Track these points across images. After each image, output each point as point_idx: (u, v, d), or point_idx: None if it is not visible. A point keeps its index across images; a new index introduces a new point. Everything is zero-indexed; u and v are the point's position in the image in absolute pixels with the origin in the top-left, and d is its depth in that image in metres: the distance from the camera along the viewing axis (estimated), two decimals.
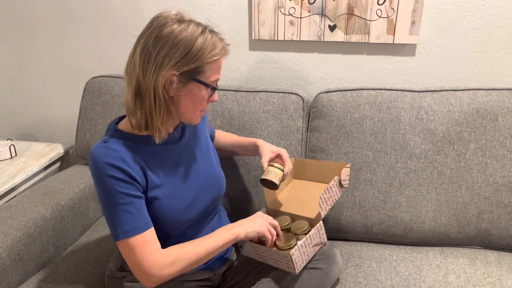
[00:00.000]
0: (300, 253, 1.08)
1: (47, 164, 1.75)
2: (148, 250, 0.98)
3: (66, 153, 1.87)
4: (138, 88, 0.97)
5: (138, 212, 0.99)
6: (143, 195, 1.02)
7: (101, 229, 1.51)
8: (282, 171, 1.20)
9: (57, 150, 1.83)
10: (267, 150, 1.25)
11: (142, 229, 0.99)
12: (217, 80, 1.03)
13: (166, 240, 1.09)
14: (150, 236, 1.00)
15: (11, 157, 1.75)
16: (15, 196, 1.60)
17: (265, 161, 1.21)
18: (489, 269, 1.27)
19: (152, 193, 1.04)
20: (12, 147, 1.75)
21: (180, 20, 0.97)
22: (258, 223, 1.10)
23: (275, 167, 1.20)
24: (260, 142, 1.29)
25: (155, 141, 1.02)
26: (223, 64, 1.05)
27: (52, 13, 1.80)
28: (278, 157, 1.25)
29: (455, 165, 1.36)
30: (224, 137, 1.41)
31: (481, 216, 1.36)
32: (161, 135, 1.02)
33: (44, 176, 1.78)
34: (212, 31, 1.00)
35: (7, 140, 1.85)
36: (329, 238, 1.47)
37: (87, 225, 1.54)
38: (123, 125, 1.06)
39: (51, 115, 1.99)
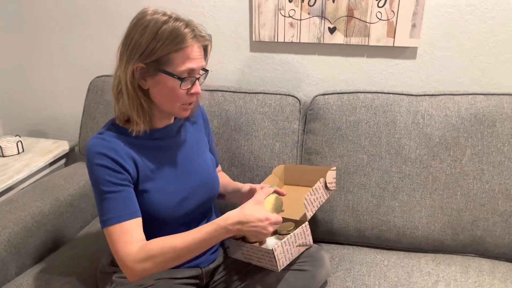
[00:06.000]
0: (283, 250, 1.08)
1: (52, 160, 1.80)
2: (123, 240, 0.98)
3: (72, 150, 1.92)
4: (117, 83, 1.02)
5: (122, 202, 1.00)
6: (132, 185, 1.04)
7: (99, 225, 1.55)
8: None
9: (63, 147, 1.88)
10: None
11: (122, 219, 0.99)
12: (190, 69, 0.99)
13: (156, 236, 1.11)
14: (129, 226, 1.00)
15: (18, 153, 1.81)
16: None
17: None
18: (481, 278, 1.24)
19: (143, 185, 1.06)
20: (19, 143, 1.81)
21: (150, 13, 0.98)
22: (259, 232, 1.02)
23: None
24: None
25: (132, 133, 1.04)
26: (224, 64, 1.04)
27: (59, 15, 1.85)
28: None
29: (450, 171, 1.34)
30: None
31: (476, 224, 1.33)
32: (139, 128, 1.04)
33: (50, 171, 1.83)
34: (178, 19, 0.97)
35: (16, 136, 1.91)
36: (321, 241, 1.47)
37: (86, 221, 1.58)
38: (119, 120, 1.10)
39: (60, 112, 2.05)
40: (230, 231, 1.00)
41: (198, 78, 1.03)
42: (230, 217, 1.01)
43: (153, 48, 0.96)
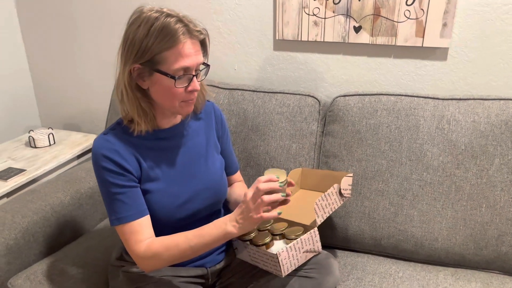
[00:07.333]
0: (289, 255, 1.05)
1: (80, 153, 1.86)
2: (133, 239, 1.03)
3: None
4: (118, 84, 1.03)
5: (130, 202, 1.03)
6: (138, 184, 1.06)
7: None
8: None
9: (91, 140, 1.94)
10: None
11: (131, 219, 1.03)
12: (184, 67, 0.97)
13: (160, 235, 1.11)
14: (137, 226, 1.03)
15: (50, 145, 1.88)
16: None
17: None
18: None
19: (145, 185, 1.07)
20: (51, 136, 1.89)
21: (145, 11, 0.98)
22: (253, 219, 0.96)
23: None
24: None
25: (133, 132, 1.05)
26: (247, 63, 1.00)
27: (94, 16, 1.91)
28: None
29: (476, 181, 1.25)
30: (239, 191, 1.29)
31: (501, 239, 1.23)
32: (140, 128, 1.04)
33: (78, 164, 1.89)
34: (170, 15, 0.96)
35: (48, 128, 1.99)
36: (336, 247, 1.43)
37: (105, 214, 1.62)
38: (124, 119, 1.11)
39: (91, 107, 2.12)
40: (228, 226, 0.99)
41: (195, 75, 1.00)
42: (228, 214, 1.02)
43: (146, 47, 0.95)
